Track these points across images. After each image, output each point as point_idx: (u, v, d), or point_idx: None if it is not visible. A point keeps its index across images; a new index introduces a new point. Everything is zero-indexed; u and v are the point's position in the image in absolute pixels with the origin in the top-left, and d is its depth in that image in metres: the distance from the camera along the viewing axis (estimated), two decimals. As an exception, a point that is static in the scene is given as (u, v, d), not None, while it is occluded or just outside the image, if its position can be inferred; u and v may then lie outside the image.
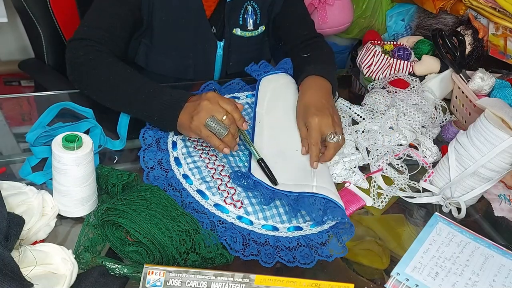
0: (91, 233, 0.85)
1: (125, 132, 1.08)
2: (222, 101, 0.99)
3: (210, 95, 0.99)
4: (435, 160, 1.15)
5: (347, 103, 1.26)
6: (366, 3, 1.80)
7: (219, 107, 0.98)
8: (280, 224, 0.94)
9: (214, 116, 0.97)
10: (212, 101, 0.98)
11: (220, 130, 0.96)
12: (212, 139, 0.97)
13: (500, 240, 1.01)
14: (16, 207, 0.83)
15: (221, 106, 0.98)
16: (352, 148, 1.13)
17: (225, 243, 0.87)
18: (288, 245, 0.91)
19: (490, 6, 1.47)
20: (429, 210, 1.06)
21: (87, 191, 0.87)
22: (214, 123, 0.96)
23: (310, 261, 0.89)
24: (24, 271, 0.72)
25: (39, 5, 1.39)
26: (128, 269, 0.79)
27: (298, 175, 1.00)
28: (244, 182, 0.98)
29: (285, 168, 1.01)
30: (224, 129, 0.96)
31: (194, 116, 0.97)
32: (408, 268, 0.87)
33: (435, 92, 1.35)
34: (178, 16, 1.22)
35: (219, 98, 0.99)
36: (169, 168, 0.99)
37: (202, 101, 0.98)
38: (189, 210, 0.91)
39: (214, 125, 0.96)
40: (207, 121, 0.96)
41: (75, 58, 1.10)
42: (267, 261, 0.87)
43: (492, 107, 1.01)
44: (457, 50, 1.37)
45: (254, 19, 1.32)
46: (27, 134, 1.00)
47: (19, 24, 1.52)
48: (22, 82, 2.13)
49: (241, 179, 0.98)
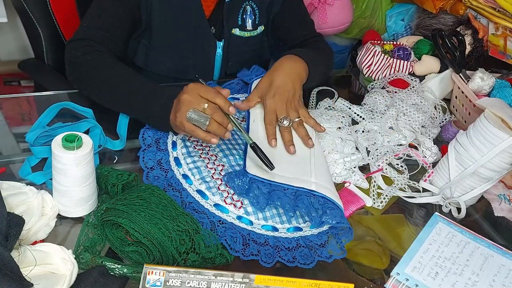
0: (91, 233, 0.85)
1: (125, 132, 1.08)
2: (202, 90, 0.95)
3: (189, 87, 0.96)
4: (435, 160, 1.15)
5: (347, 103, 1.26)
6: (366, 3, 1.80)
7: (199, 98, 0.95)
8: (279, 224, 0.94)
9: (195, 108, 0.94)
10: (191, 93, 0.95)
11: (201, 120, 0.93)
12: (197, 132, 0.95)
13: (500, 240, 1.01)
14: (16, 207, 0.83)
15: (201, 96, 0.95)
16: (352, 148, 1.13)
17: (225, 243, 0.87)
18: (288, 246, 0.91)
19: (490, 6, 1.47)
20: (429, 210, 1.06)
21: (87, 191, 0.87)
22: (195, 114, 0.93)
23: (310, 261, 0.89)
24: (24, 271, 0.72)
25: (39, 5, 1.39)
26: (128, 269, 0.79)
27: (297, 168, 1.00)
28: (238, 182, 0.96)
29: (283, 162, 1.00)
30: (205, 119, 0.93)
31: (177, 112, 0.96)
32: (408, 268, 0.87)
33: (435, 92, 1.35)
34: (177, 16, 1.22)
35: (199, 89, 0.96)
36: (168, 168, 0.99)
37: (181, 95, 0.96)
38: (189, 210, 0.91)
39: (194, 116, 0.93)
40: (188, 114, 0.93)
41: (74, 58, 1.10)
42: (267, 261, 0.87)
43: (492, 107, 1.01)
44: (457, 50, 1.37)
45: (253, 19, 1.31)
46: (27, 134, 1.00)
47: (19, 24, 1.52)
48: (22, 82, 2.13)
49: (235, 180, 0.96)
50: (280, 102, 1.06)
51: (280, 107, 1.06)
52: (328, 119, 1.16)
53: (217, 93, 0.96)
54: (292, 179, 0.97)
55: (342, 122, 1.17)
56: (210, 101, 0.95)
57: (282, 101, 1.06)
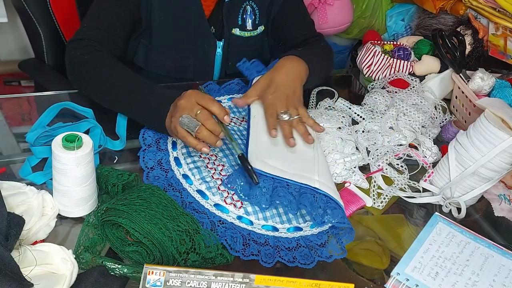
0: (91, 233, 0.85)
1: (124, 132, 1.08)
2: (199, 97, 0.95)
3: (187, 93, 0.96)
4: (435, 160, 1.15)
5: (347, 103, 1.26)
6: (366, 3, 1.80)
7: (194, 104, 0.94)
8: (280, 224, 0.94)
9: (188, 113, 0.94)
10: (187, 99, 0.95)
11: (191, 126, 0.92)
12: (188, 138, 0.94)
13: (500, 240, 1.01)
14: (16, 207, 0.83)
15: (197, 102, 0.95)
16: (352, 148, 1.13)
17: (225, 243, 0.87)
18: (288, 246, 0.91)
19: (490, 6, 1.47)
20: (429, 210, 1.06)
21: (87, 191, 0.87)
22: (186, 119, 0.93)
23: (310, 261, 0.89)
24: (24, 271, 0.72)
25: (39, 5, 1.39)
26: (128, 269, 0.79)
27: (301, 165, 1.00)
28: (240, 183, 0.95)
29: (287, 157, 1.00)
30: (195, 125, 0.92)
31: (172, 117, 0.96)
32: (408, 268, 0.87)
33: (435, 92, 1.35)
34: (177, 16, 1.22)
35: (196, 95, 0.95)
36: (169, 168, 0.99)
37: (179, 100, 0.96)
38: (189, 210, 0.91)
39: (186, 121, 0.92)
40: (180, 119, 0.93)
41: (74, 58, 1.10)
42: (267, 261, 0.87)
43: (492, 107, 1.01)
44: (457, 50, 1.37)
45: (253, 19, 1.31)
46: (27, 134, 1.00)
47: (19, 24, 1.52)
48: (22, 82, 2.13)
49: (235, 182, 0.96)
50: (280, 98, 1.06)
51: (280, 103, 1.06)
52: (328, 119, 1.16)
53: (213, 101, 0.95)
54: (296, 175, 0.97)
55: (342, 122, 1.17)
56: (206, 108, 0.95)
57: (282, 97, 1.06)
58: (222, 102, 1.17)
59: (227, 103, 1.20)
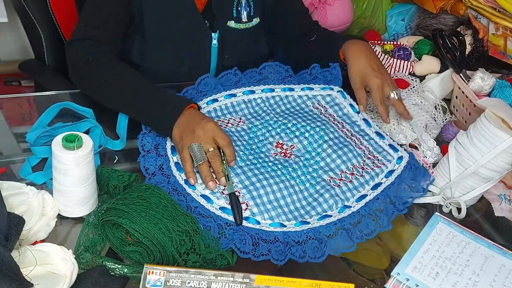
0: (91, 233, 0.85)
1: (125, 132, 1.08)
2: (218, 135, 0.97)
3: (209, 126, 0.97)
4: (435, 160, 1.15)
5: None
6: (366, 3, 1.80)
7: (211, 140, 0.97)
8: (286, 221, 0.94)
9: (201, 145, 0.96)
10: (206, 133, 0.97)
11: (198, 157, 0.94)
12: (186, 164, 0.96)
13: (500, 240, 1.01)
14: (16, 207, 0.83)
15: (214, 140, 0.97)
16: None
17: (234, 247, 0.86)
18: (298, 239, 0.90)
19: (490, 6, 1.47)
20: (429, 210, 1.06)
21: (87, 191, 0.87)
22: (197, 149, 0.95)
23: (320, 254, 0.88)
24: (24, 271, 0.72)
25: (39, 5, 1.39)
26: (128, 269, 0.79)
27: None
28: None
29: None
30: (201, 158, 0.94)
31: (184, 136, 0.97)
32: (408, 268, 0.87)
33: (435, 92, 1.35)
34: (169, 10, 1.22)
35: (216, 132, 0.97)
36: (170, 174, 0.98)
37: (198, 128, 0.97)
38: (195, 214, 0.90)
39: (195, 150, 0.95)
40: (192, 144, 0.95)
41: (76, 59, 1.10)
42: (278, 259, 0.86)
43: (493, 107, 1.01)
44: (457, 50, 1.37)
45: (248, 11, 1.32)
46: (27, 134, 1.00)
47: (19, 24, 1.52)
48: (22, 82, 2.13)
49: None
50: (385, 81, 1.13)
51: (386, 85, 1.13)
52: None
53: (229, 144, 0.98)
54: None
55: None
56: (220, 147, 0.97)
57: (386, 79, 1.14)
58: (218, 100, 1.16)
59: (224, 101, 1.18)
